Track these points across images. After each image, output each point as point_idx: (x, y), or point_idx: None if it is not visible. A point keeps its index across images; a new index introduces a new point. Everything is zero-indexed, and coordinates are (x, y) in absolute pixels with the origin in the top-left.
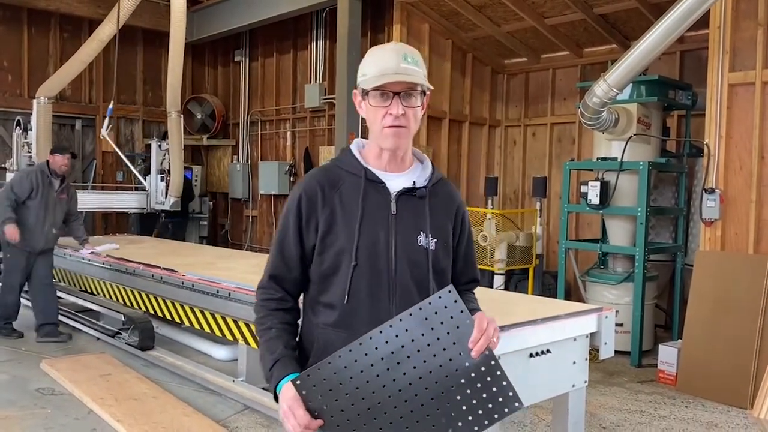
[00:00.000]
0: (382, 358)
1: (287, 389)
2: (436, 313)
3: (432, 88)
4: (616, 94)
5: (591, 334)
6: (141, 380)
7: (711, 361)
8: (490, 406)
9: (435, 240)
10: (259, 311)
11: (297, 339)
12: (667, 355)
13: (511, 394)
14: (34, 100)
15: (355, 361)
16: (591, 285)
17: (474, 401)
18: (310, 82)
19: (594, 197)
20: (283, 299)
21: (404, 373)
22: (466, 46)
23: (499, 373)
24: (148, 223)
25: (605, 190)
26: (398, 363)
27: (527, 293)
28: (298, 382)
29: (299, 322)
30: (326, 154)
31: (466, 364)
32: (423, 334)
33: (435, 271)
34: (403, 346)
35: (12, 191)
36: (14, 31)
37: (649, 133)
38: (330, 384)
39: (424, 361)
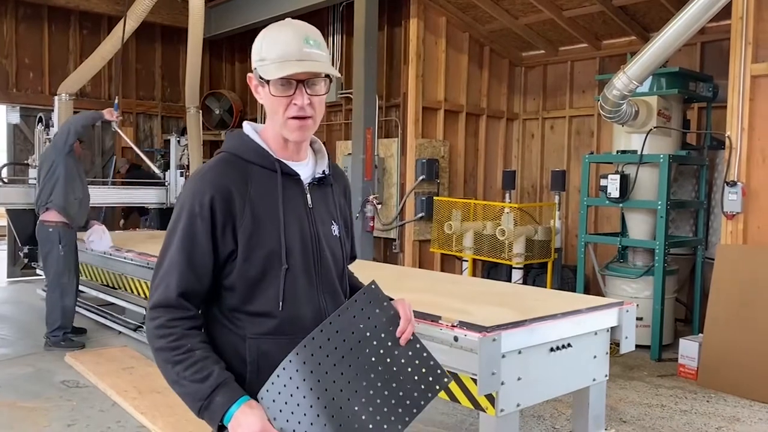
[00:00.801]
0: (327, 356)
1: (248, 414)
2: (362, 309)
3: (339, 75)
4: (636, 86)
5: (612, 328)
6: None
7: (733, 355)
8: (423, 386)
9: (339, 226)
10: (169, 334)
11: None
12: (688, 349)
13: (439, 371)
14: (56, 97)
15: (304, 363)
16: (610, 279)
17: (408, 386)
18: None
19: (614, 190)
20: (196, 317)
21: (349, 366)
22: (484, 38)
23: (425, 354)
24: (167, 219)
25: (625, 184)
26: (342, 357)
27: (546, 287)
28: (261, 398)
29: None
30: (343, 149)
31: (396, 352)
32: (353, 332)
33: (345, 258)
34: (336, 348)
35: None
36: (35, 28)
37: (670, 125)
38: (288, 392)
39: (358, 358)
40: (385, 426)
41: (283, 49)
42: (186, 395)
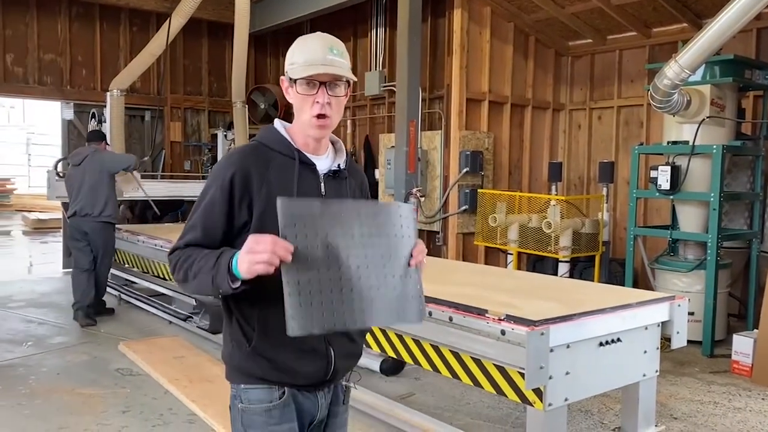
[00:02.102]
0: (346, 224)
1: (254, 236)
2: (399, 215)
3: (355, 79)
4: (688, 75)
5: (663, 323)
6: (213, 363)
7: None
8: (405, 309)
9: None
10: (176, 259)
11: (229, 319)
12: (742, 345)
13: (421, 308)
14: (108, 93)
15: (330, 215)
16: (660, 273)
17: (403, 297)
18: (370, 70)
19: (664, 182)
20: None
21: (373, 246)
22: (529, 28)
23: (419, 287)
24: None
25: (676, 175)
26: (371, 234)
27: (593, 281)
28: (284, 203)
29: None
30: (386, 142)
31: (405, 266)
32: (384, 225)
33: None
34: (361, 225)
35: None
36: (87, 27)
37: (723, 115)
38: (306, 219)
39: (379, 247)
40: (372, 310)
41: (310, 55)
42: (201, 282)
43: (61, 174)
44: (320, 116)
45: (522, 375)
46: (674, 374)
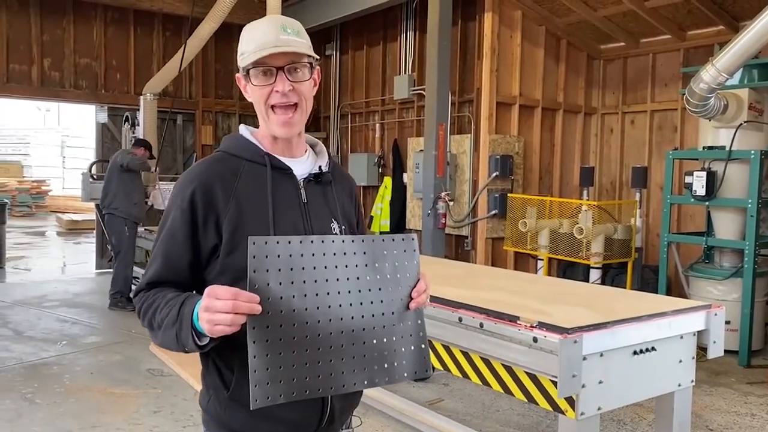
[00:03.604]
0: (329, 265)
1: (214, 287)
2: (395, 250)
3: (318, 57)
4: (725, 79)
5: (699, 332)
6: None
7: None
8: (404, 362)
9: (343, 227)
10: (139, 305)
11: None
12: None
13: (425, 358)
14: (141, 97)
15: (310, 255)
16: (695, 280)
17: (395, 350)
18: (399, 74)
19: (699, 188)
20: (172, 288)
21: (359, 290)
22: (560, 32)
23: (422, 334)
24: None
25: (712, 181)
26: (357, 278)
27: (625, 288)
28: (253, 243)
29: None
30: (414, 145)
31: (402, 310)
32: (376, 262)
33: None
34: (346, 266)
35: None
36: (121, 31)
37: (762, 119)
38: (281, 262)
39: (369, 290)
40: (353, 369)
41: (260, 38)
42: (166, 337)
43: (95, 176)
44: (282, 108)
45: (554, 383)
46: (710, 384)
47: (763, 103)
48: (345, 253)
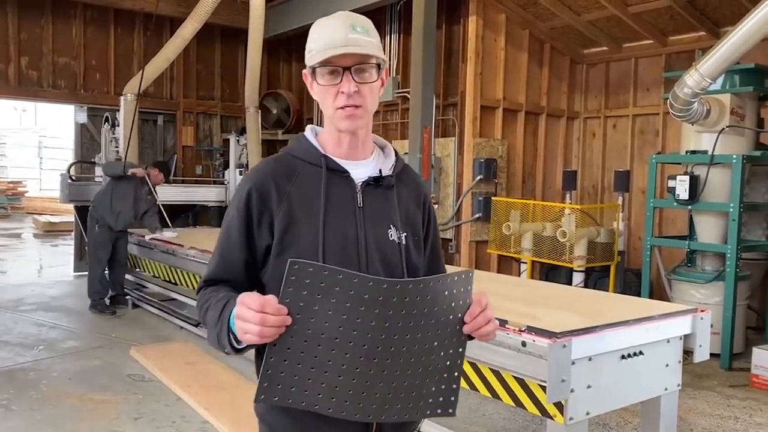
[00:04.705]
0: (376, 309)
1: (248, 294)
2: (445, 293)
3: (386, 59)
4: (708, 84)
5: (684, 335)
6: (225, 370)
7: None
8: (430, 401)
9: (405, 234)
10: (198, 302)
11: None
12: (763, 359)
13: (453, 398)
14: (121, 97)
15: (351, 291)
16: (677, 284)
17: (423, 390)
18: None
19: (683, 192)
20: (227, 287)
21: (394, 335)
22: (544, 36)
23: (456, 373)
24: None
25: (695, 185)
26: (386, 316)
27: (607, 291)
28: (295, 266)
29: None
30: (399, 148)
31: (439, 344)
32: (425, 309)
33: (408, 268)
34: (390, 312)
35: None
36: (101, 31)
37: (743, 124)
38: (320, 290)
39: (407, 335)
40: (372, 405)
41: (329, 37)
42: (210, 337)
43: (74, 178)
44: (348, 106)
45: (543, 388)
46: (693, 387)
47: (744, 108)
48: (395, 299)
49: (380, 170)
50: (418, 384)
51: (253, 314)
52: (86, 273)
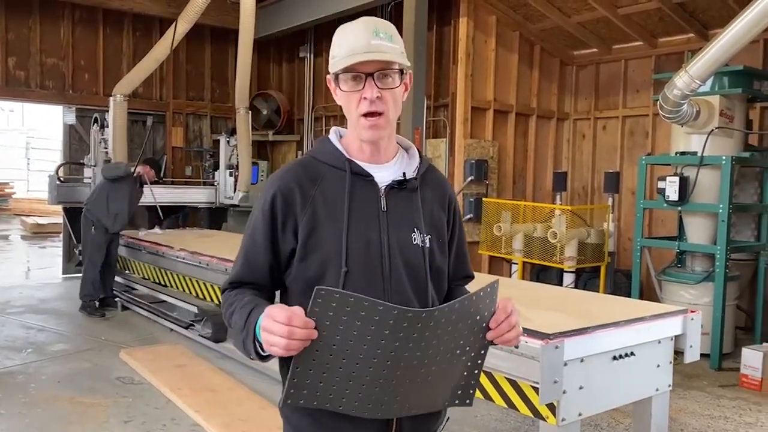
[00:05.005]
0: (401, 333)
1: (276, 305)
2: (471, 311)
3: (409, 65)
4: (698, 85)
5: (675, 336)
6: (215, 372)
7: None
8: (449, 394)
9: (429, 237)
10: (222, 304)
11: None
12: (752, 359)
13: (471, 391)
14: (111, 98)
15: (376, 317)
16: (667, 284)
17: (442, 387)
18: None
19: (672, 193)
20: (252, 290)
21: (418, 353)
22: (534, 37)
23: (476, 371)
24: (216, 218)
25: (684, 186)
26: (412, 342)
27: (598, 292)
28: (322, 292)
29: None
30: None
31: (465, 349)
32: (449, 328)
33: (432, 271)
34: (414, 334)
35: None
36: (90, 31)
37: (732, 126)
38: (349, 315)
39: (441, 348)
40: (394, 404)
41: (352, 43)
42: (236, 342)
43: (62, 179)
44: (369, 114)
45: (535, 389)
46: (683, 387)
47: (733, 110)
48: (419, 325)
49: (404, 173)
50: (439, 385)
51: (280, 327)
52: (75, 275)
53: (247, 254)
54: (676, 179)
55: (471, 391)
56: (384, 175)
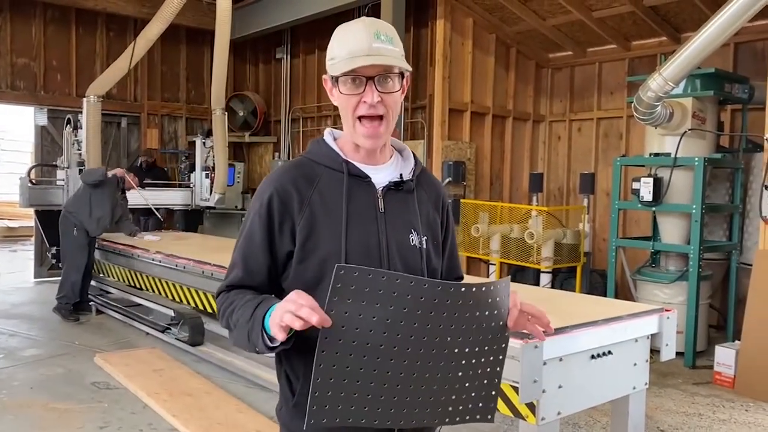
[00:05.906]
0: (419, 311)
1: (292, 293)
2: (489, 300)
3: (410, 69)
4: (671, 88)
5: (651, 335)
6: (193, 375)
7: None
8: (470, 406)
9: (426, 238)
10: (219, 305)
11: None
12: (725, 356)
13: (492, 405)
14: (84, 99)
15: (398, 293)
16: (642, 284)
17: (463, 395)
18: None
19: (646, 194)
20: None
21: (436, 338)
22: (510, 40)
23: (496, 380)
24: (192, 220)
25: (658, 187)
26: (430, 317)
27: (574, 292)
28: (341, 272)
29: None
30: None
31: (482, 349)
32: (467, 314)
33: (429, 272)
34: (431, 312)
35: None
36: (63, 31)
37: (704, 128)
38: (366, 295)
39: (449, 338)
40: (415, 409)
41: (352, 45)
42: (239, 336)
43: (34, 181)
44: (369, 119)
45: (515, 389)
46: (658, 386)
47: (705, 112)
48: (436, 300)
49: (401, 175)
50: (459, 388)
51: (306, 298)
52: (47, 279)
53: (245, 257)
54: (650, 180)
55: (492, 404)
56: (380, 176)
